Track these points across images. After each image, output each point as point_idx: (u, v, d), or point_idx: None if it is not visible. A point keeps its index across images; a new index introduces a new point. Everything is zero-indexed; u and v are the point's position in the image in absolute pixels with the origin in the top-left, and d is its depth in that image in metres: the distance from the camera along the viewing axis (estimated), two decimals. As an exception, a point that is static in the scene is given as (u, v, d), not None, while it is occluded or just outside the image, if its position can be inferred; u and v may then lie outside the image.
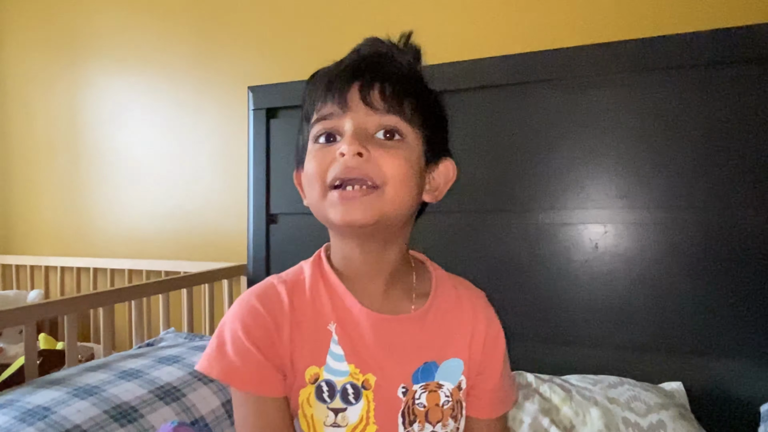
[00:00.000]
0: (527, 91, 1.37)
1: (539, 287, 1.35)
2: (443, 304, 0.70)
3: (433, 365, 0.67)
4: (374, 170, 0.59)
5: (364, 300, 0.65)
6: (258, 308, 0.63)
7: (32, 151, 2.43)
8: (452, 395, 0.67)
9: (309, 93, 0.65)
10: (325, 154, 0.61)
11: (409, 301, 0.68)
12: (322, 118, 0.62)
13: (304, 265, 0.70)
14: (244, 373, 0.61)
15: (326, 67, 0.66)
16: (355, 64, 0.62)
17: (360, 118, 0.60)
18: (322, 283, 0.67)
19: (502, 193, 1.39)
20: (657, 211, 1.24)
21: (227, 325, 0.64)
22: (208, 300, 1.67)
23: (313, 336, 0.64)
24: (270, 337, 0.62)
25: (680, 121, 1.22)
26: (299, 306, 0.65)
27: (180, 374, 1.04)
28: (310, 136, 0.64)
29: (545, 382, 1.14)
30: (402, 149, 0.61)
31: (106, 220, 2.24)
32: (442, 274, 0.74)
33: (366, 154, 0.58)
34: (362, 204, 0.58)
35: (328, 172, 0.59)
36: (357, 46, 0.66)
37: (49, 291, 2.31)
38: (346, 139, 0.59)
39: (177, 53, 2.05)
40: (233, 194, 1.92)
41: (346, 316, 0.65)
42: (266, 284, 0.67)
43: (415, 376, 0.66)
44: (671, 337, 1.23)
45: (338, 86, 0.61)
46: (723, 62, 1.19)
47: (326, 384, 0.63)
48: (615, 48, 1.28)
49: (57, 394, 0.92)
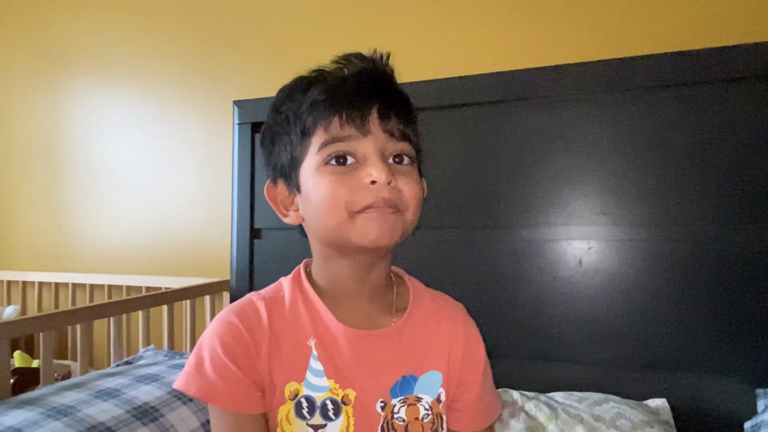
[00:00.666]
0: (511, 108, 1.38)
1: (523, 304, 1.34)
2: (421, 317, 0.70)
3: (411, 379, 0.67)
4: (398, 197, 0.60)
5: (342, 316, 0.65)
6: (236, 325, 0.63)
7: (11, 163, 2.38)
8: (432, 408, 0.67)
9: (304, 107, 0.63)
10: (346, 180, 0.59)
11: (389, 315, 0.68)
12: (337, 139, 0.60)
13: (284, 281, 0.71)
14: (223, 391, 0.60)
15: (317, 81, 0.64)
16: (371, 86, 0.62)
17: (380, 143, 0.61)
18: (301, 300, 0.67)
19: (486, 210, 1.39)
20: (640, 228, 1.25)
21: (205, 342, 0.63)
22: (189, 316, 1.65)
23: (292, 352, 0.64)
24: (248, 353, 0.62)
25: (662, 140, 1.24)
26: (278, 322, 0.65)
27: (158, 393, 1.01)
28: (315, 154, 0.61)
29: (530, 399, 1.13)
30: (413, 174, 0.63)
31: (86, 234, 2.20)
32: (420, 287, 0.74)
33: (394, 181, 0.59)
34: (394, 226, 0.60)
35: (355, 199, 0.59)
36: (344, 61, 0.65)
37: (26, 307, 2.25)
38: (377, 167, 0.58)
39: (162, 66, 2.04)
40: (217, 209, 1.91)
41: (325, 332, 0.65)
42: (245, 301, 0.67)
43: (394, 390, 0.66)
44: (655, 354, 1.23)
45: (357, 108, 0.60)
46: (703, 81, 1.21)
47: (306, 400, 0.63)
48: (597, 67, 1.30)
49: (29, 414, 0.89)
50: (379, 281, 0.68)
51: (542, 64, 1.39)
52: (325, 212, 0.61)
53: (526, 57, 1.48)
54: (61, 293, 2.18)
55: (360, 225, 0.59)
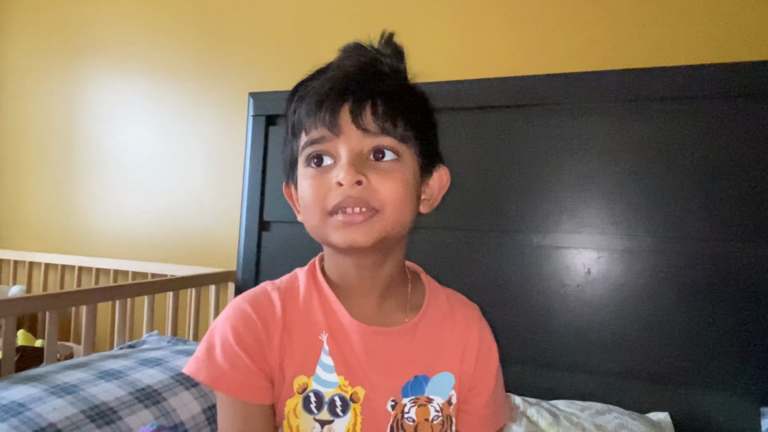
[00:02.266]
0: (528, 113, 1.37)
1: (530, 309, 1.34)
2: (435, 317, 0.69)
3: (423, 379, 0.66)
4: (373, 196, 0.58)
5: (356, 312, 0.64)
6: (250, 314, 0.63)
7: (24, 144, 2.40)
8: (442, 410, 0.66)
9: (295, 108, 0.63)
10: (321, 181, 0.59)
11: (403, 313, 0.67)
12: (312, 141, 0.60)
13: (299, 272, 0.70)
14: (232, 379, 0.60)
15: (310, 81, 0.63)
16: (343, 83, 0.60)
17: (353, 142, 0.59)
18: (315, 293, 0.66)
19: (498, 213, 1.39)
20: (650, 239, 1.25)
21: (218, 329, 0.63)
22: (194, 304, 1.65)
23: (304, 345, 0.63)
24: (260, 343, 0.62)
25: (677, 152, 1.23)
26: (292, 314, 0.64)
27: (162, 377, 1.02)
28: (300, 155, 0.62)
29: (533, 405, 1.13)
30: (398, 170, 0.60)
31: (94, 218, 2.21)
32: (435, 286, 0.73)
33: (364, 180, 0.57)
34: (364, 227, 0.58)
35: (327, 200, 0.58)
36: (340, 57, 0.64)
37: (32, 287, 2.26)
38: (344, 168, 0.57)
39: (178, 55, 2.05)
40: (226, 199, 1.91)
41: (338, 327, 0.64)
42: (260, 290, 0.67)
43: (405, 390, 0.65)
44: (659, 367, 1.22)
45: (328, 109, 0.59)
46: (723, 96, 1.21)
47: (314, 394, 0.62)
48: (615, 76, 1.30)
49: (33, 390, 0.90)
50: (390, 278, 0.66)
51: (560, 70, 1.39)
52: (307, 213, 0.62)
53: (544, 63, 1.48)
54: (67, 275, 2.19)
55: (331, 229, 0.59)
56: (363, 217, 0.57)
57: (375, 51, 0.64)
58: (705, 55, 1.29)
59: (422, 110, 0.66)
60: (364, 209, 0.57)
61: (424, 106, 0.67)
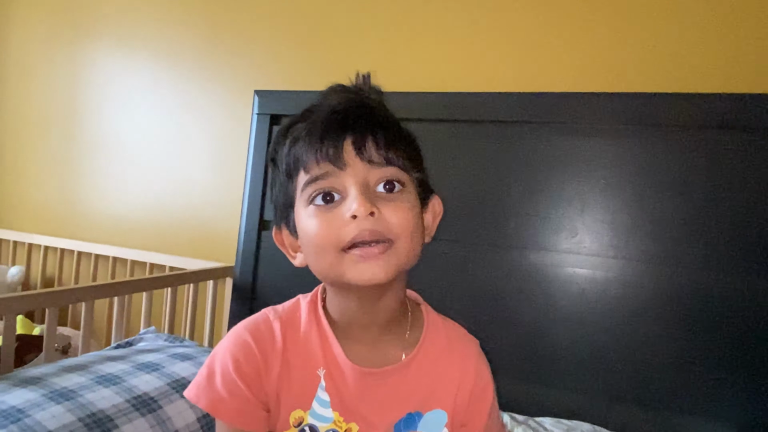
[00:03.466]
0: (532, 130, 1.38)
1: (522, 326, 1.36)
2: (432, 352, 0.69)
3: (416, 415, 0.67)
4: (385, 227, 0.57)
5: (352, 350, 0.65)
6: (250, 344, 0.64)
7: (26, 126, 2.39)
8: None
9: (289, 148, 0.62)
10: (330, 218, 0.58)
11: (400, 349, 0.67)
12: (316, 178, 0.59)
13: (302, 301, 0.70)
14: (230, 407, 0.62)
15: (299, 122, 0.63)
16: (341, 117, 0.60)
17: (360, 174, 0.58)
18: (315, 327, 0.67)
19: (495, 229, 1.40)
20: (647, 265, 1.26)
21: (218, 356, 0.64)
22: (191, 300, 1.67)
23: (301, 379, 0.64)
24: (258, 374, 0.63)
25: (680, 180, 1.24)
26: (292, 345, 0.65)
27: (158, 384, 1.03)
28: (300, 194, 0.61)
29: (520, 424, 1.15)
30: (405, 200, 0.60)
31: (95, 204, 2.22)
32: (435, 319, 0.72)
33: (376, 212, 0.57)
34: (381, 260, 0.57)
35: (341, 236, 0.57)
36: (326, 96, 0.64)
37: (31, 268, 2.28)
38: (356, 199, 0.56)
39: (185, 45, 2.03)
40: (227, 195, 1.91)
41: (334, 364, 0.65)
42: (261, 318, 0.67)
43: (398, 426, 0.66)
44: (647, 391, 1.24)
45: (330, 143, 0.58)
46: (730, 127, 1.21)
47: (309, 429, 0.64)
48: (622, 99, 1.30)
49: (32, 395, 0.91)
50: (390, 311, 0.66)
51: (567, 89, 1.39)
52: (316, 254, 0.60)
53: (551, 81, 1.47)
54: (66, 259, 2.20)
55: (348, 265, 0.57)
56: (379, 249, 0.57)
57: (360, 90, 0.65)
58: (712, 85, 1.29)
59: (412, 141, 0.66)
60: (380, 242, 0.57)
61: (413, 138, 0.67)
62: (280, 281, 1.61)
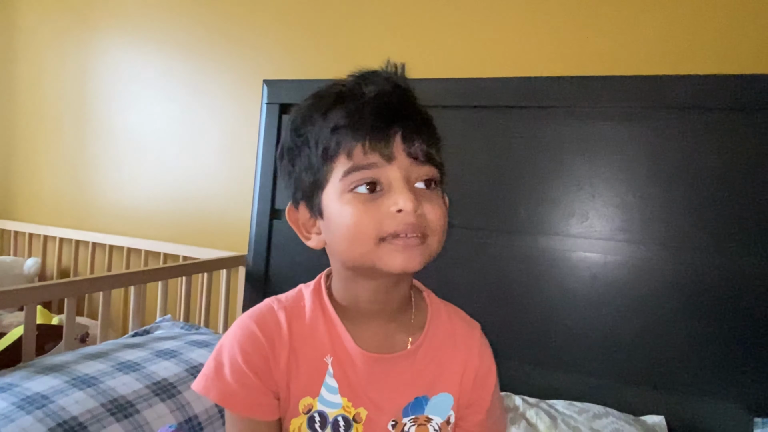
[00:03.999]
0: (542, 115, 1.38)
1: (533, 310, 1.37)
2: (437, 338, 0.70)
3: (423, 399, 0.68)
4: (424, 223, 0.59)
5: (360, 336, 0.66)
6: (257, 334, 0.64)
7: (39, 118, 2.42)
8: (440, 429, 0.69)
9: (331, 131, 0.60)
10: (372, 208, 0.58)
11: (406, 335, 0.68)
12: (361, 167, 0.58)
13: (304, 290, 0.70)
14: (241, 398, 0.63)
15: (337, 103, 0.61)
16: (392, 109, 0.60)
17: (405, 169, 0.59)
18: (321, 315, 0.67)
19: (505, 214, 1.40)
20: (657, 248, 1.26)
21: (225, 348, 0.65)
22: (205, 288, 1.69)
23: (309, 366, 0.65)
24: (267, 364, 0.64)
25: (691, 162, 1.24)
26: (298, 334, 0.66)
27: (176, 370, 1.06)
28: (335, 180, 0.60)
29: (532, 407, 1.17)
30: (439, 198, 0.62)
31: (108, 195, 2.24)
32: (438, 305, 0.73)
33: (420, 208, 0.58)
34: (418, 251, 0.58)
35: (383, 227, 0.57)
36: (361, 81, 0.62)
37: (46, 260, 2.31)
38: (403, 194, 0.57)
39: (194, 35, 2.04)
40: (239, 185, 1.93)
41: (342, 351, 0.66)
42: (265, 308, 0.68)
43: (406, 410, 0.67)
44: (658, 372, 1.25)
45: (381, 134, 0.58)
46: (739, 108, 1.20)
47: (319, 415, 0.65)
48: (632, 82, 1.29)
49: (55, 382, 0.94)
50: (399, 300, 0.67)
51: (577, 73, 1.38)
52: (349, 241, 0.60)
53: (561, 65, 1.46)
54: (81, 251, 2.24)
55: (386, 253, 0.58)
56: (418, 242, 0.58)
57: (393, 74, 0.64)
58: (723, 66, 1.27)
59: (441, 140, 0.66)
60: (419, 235, 0.58)
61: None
62: (292, 269, 1.63)
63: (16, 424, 0.83)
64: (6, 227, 2.41)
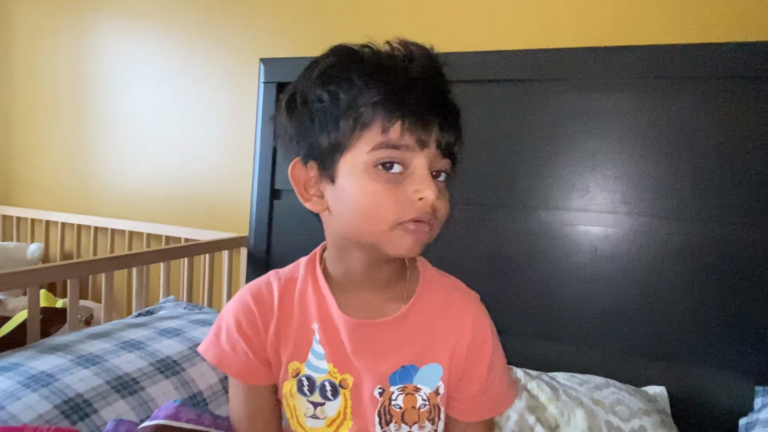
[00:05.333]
0: (540, 87, 1.36)
1: (535, 284, 1.37)
2: (428, 307, 0.69)
3: (412, 368, 0.68)
4: (435, 212, 0.61)
5: (347, 304, 0.67)
6: (250, 305, 0.69)
7: (36, 104, 2.40)
8: (429, 399, 0.68)
9: (371, 100, 0.57)
10: (393, 190, 0.58)
11: (396, 302, 0.68)
12: (394, 146, 0.57)
13: (302, 261, 0.73)
14: (234, 362, 0.69)
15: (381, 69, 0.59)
16: (436, 95, 0.60)
17: (432, 158, 0.60)
18: (311, 284, 0.70)
19: (506, 188, 1.40)
20: (658, 220, 1.26)
21: (225, 316, 0.71)
22: (207, 269, 1.69)
23: (297, 333, 0.68)
24: (257, 333, 0.68)
25: (693, 133, 1.23)
26: (287, 304, 0.69)
27: (180, 348, 1.07)
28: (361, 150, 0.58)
29: (533, 379, 1.17)
30: (446, 190, 0.64)
31: (108, 179, 2.24)
32: (431, 274, 0.72)
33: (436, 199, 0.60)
34: (424, 238, 0.61)
35: (403, 212, 0.58)
36: (404, 51, 0.61)
37: (49, 245, 2.32)
38: (428, 184, 0.58)
39: (189, 16, 2.02)
40: (238, 166, 1.92)
41: (328, 318, 0.68)
42: (264, 281, 0.72)
43: (393, 378, 0.67)
44: (659, 343, 1.25)
45: (421, 119, 0.57)
46: (742, 76, 1.19)
47: (306, 379, 0.68)
48: (633, 52, 1.27)
49: (60, 361, 0.95)
50: (390, 272, 0.68)
51: (578, 44, 1.36)
52: (364, 218, 0.59)
53: (562, 36, 1.45)
54: (83, 235, 2.24)
55: (396, 236, 0.59)
56: (427, 228, 0.60)
57: (437, 59, 0.62)
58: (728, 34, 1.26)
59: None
60: (429, 223, 0.60)
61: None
62: (293, 248, 1.62)
63: (23, 401, 0.84)
64: (7, 213, 2.42)
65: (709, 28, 1.30)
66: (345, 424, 0.68)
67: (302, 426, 0.69)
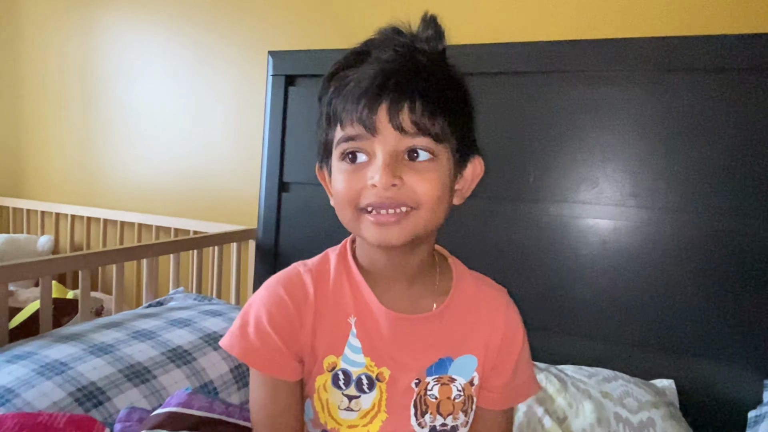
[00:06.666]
0: (552, 80, 1.36)
1: (543, 277, 1.37)
2: (462, 302, 0.70)
3: (447, 360, 0.69)
4: (409, 196, 0.58)
5: (384, 298, 0.67)
6: (283, 298, 0.65)
7: (45, 97, 2.42)
8: (464, 390, 0.69)
9: (331, 98, 0.62)
10: (354, 178, 0.60)
11: (431, 298, 0.69)
12: (348, 138, 0.60)
13: (331, 253, 0.72)
14: (263, 356, 0.64)
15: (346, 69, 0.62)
16: (380, 81, 0.58)
17: (390, 142, 0.58)
18: (345, 277, 0.68)
19: (515, 181, 1.40)
20: (668, 213, 1.25)
21: (253, 308, 0.66)
22: (216, 261, 1.71)
23: (333, 327, 0.66)
24: (292, 326, 0.65)
25: (701, 126, 1.22)
26: (323, 296, 0.67)
27: (191, 338, 1.08)
28: (335, 147, 0.62)
29: (542, 371, 1.18)
30: (433, 169, 0.60)
31: (118, 172, 2.25)
32: (463, 270, 0.74)
33: (399, 182, 0.58)
34: (397, 227, 0.59)
35: (361, 198, 0.59)
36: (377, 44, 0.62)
37: (59, 238, 2.34)
38: (379, 170, 0.57)
39: (198, 9, 2.02)
40: (247, 158, 1.93)
41: (366, 311, 0.67)
42: (292, 272, 0.69)
43: (429, 370, 0.68)
44: (668, 336, 1.25)
45: (365, 107, 0.58)
46: (751, 68, 1.18)
47: (342, 373, 0.66)
48: (643, 44, 1.27)
49: (73, 350, 0.96)
50: (419, 266, 0.68)
51: (588, 36, 1.35)
52: (340, 207, 0.63)
53: (572, 28, 1.44)
54: (93, 228, 2.26)
55: (365, 225, 0.61)
56: (396, 218, 0.59)
57: (413, 37, 0.62)
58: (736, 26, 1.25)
59: (461, 103, 0.64)
60: (397, 210, 0.59)
61: (463, 97, 0.65)
62: (302, 241, 1.64)
63: (37, 389, 0.85)
64: (18, 205, 2.44)
65: (717, 20, 1.29)
66: (379, 417, 0.67)
67: (333, 418, 0.67)
